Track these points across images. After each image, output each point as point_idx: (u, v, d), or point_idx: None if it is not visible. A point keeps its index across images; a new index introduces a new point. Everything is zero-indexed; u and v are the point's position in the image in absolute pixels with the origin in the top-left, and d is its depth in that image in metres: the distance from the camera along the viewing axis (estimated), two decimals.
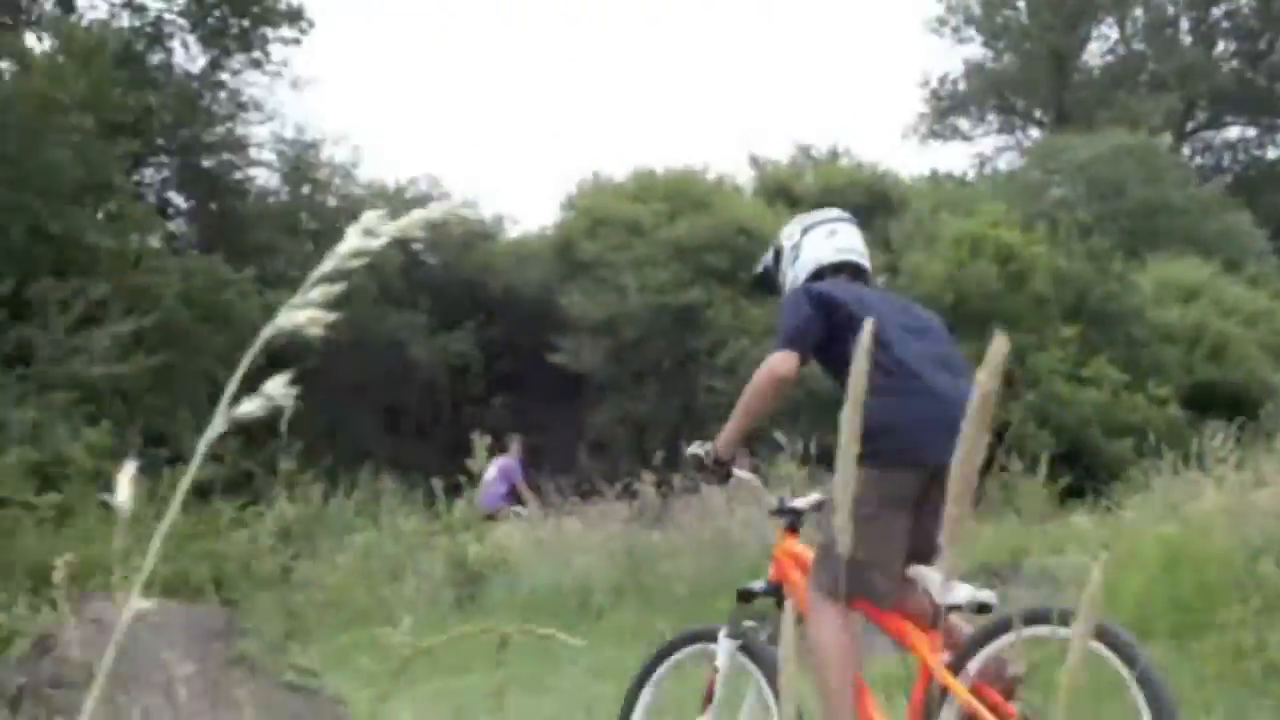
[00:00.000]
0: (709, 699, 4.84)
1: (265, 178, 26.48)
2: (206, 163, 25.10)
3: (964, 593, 4.23)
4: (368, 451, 19.92)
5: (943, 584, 4.12)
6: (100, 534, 12.57)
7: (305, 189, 26.37)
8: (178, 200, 25.83)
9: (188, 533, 13.62)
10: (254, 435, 18.88)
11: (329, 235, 25.41)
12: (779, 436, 12.42)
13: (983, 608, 4.26)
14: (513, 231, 30.34)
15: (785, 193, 27.82)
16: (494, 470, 14.42)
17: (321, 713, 5.72)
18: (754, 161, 31.60)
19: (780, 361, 4.57)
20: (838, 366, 4.51)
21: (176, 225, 25.23)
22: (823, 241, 4.98)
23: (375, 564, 12.15)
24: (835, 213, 5.19)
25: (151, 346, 17.82)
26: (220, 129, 25.30)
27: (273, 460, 14.97)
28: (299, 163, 26.20)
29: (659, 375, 24.86)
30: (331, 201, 26.51)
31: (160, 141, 24.40)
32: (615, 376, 24.69)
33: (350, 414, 23.77)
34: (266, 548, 13.61)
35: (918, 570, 4.38)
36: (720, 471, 4.89)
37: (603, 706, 6.95)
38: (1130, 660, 3.82)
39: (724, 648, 4.80)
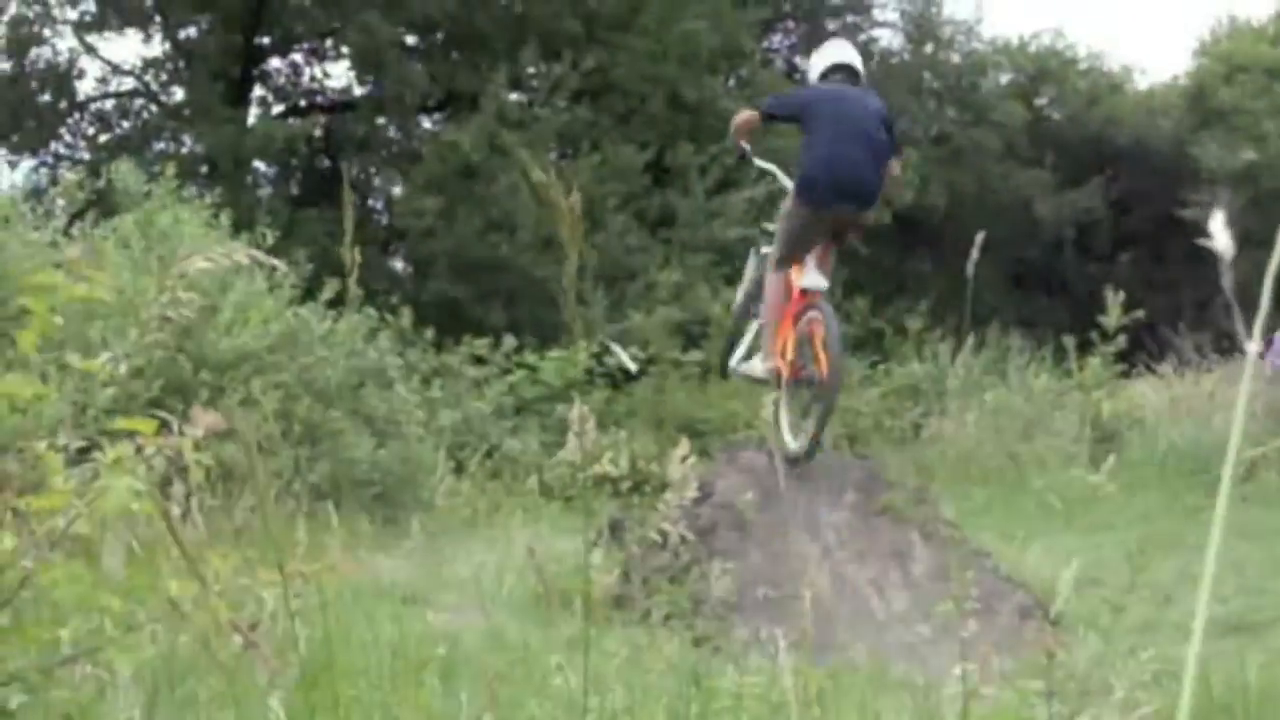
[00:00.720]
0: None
1: (888, 38, 26.57)
2: (831, 25, 25.42)
3: (807, 280, 7.02)
4: (993, 309, 19.82)
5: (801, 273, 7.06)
6: (742, 389, 13.20)
7: (928, 48, 26.26)
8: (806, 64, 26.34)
9: None
10: (882, 294, 19.21)
11: (952, 93, 25.30)
12: None
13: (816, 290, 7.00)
14: (1141, 82, 29.30)
15: None
16: None
17: (965, 563, 5.86)
18: None
19: (745, 112, 7.43)
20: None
21: None
22: (818, 56, 7.61)
23: (1005, 421, 12.12)
24: (836, 39, 8.42)
25: None
26: None
27: (900, 319, 15.17)
28: (921, 21, 26.10)
29: None
30: (954, 59, 26.30)
31: (787, 7, 24.92)
32: (1252, 230, 23.46)
33: (976, 272, 23.68)
34: (897, 405, 13.88)
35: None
36: (738, 152, 7.70)
37: (1252, 567, 6.72)
38: (823, 310, 6.83)
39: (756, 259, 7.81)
